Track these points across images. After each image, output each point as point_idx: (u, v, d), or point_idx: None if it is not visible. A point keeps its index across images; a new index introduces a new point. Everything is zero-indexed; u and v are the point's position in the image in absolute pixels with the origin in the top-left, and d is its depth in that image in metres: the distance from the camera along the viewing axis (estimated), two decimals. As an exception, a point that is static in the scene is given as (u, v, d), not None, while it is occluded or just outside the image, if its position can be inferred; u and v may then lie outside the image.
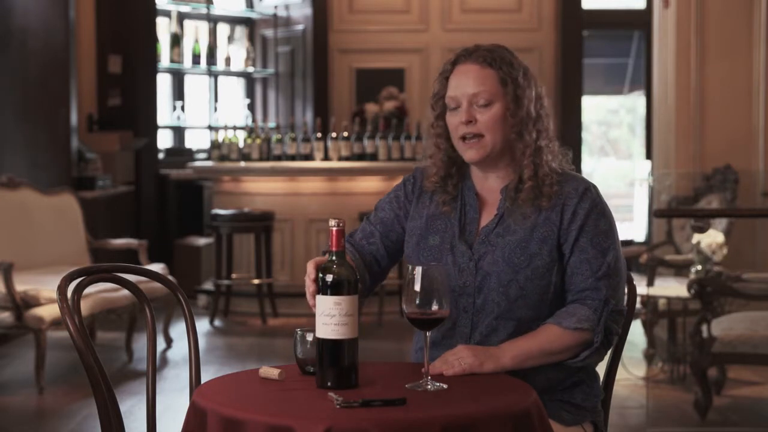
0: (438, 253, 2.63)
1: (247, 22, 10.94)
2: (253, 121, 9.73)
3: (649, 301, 6.44)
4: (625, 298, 2.67)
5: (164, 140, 10.30)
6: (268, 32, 10.78)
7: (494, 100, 2.61)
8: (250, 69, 10.72)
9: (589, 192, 2.63)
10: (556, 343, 2.54)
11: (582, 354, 2.56)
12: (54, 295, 3.35)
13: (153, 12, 9.59)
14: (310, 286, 2.43)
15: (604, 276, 2.57)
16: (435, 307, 2.38)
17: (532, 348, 2.53)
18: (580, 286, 2.58)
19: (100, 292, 6.30)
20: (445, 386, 2.34)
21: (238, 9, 10.92)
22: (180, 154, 10.12)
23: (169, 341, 7.13)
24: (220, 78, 10.76)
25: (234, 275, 8.34)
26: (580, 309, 2.56)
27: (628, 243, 10.43)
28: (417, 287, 2.37)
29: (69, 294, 2.59)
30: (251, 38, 10.90)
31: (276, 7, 10.65)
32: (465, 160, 2.66)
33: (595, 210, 2.61)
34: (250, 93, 10.99)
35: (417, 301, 2.38)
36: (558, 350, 2.55)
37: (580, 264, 2.58)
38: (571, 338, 2.54)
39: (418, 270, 2.38)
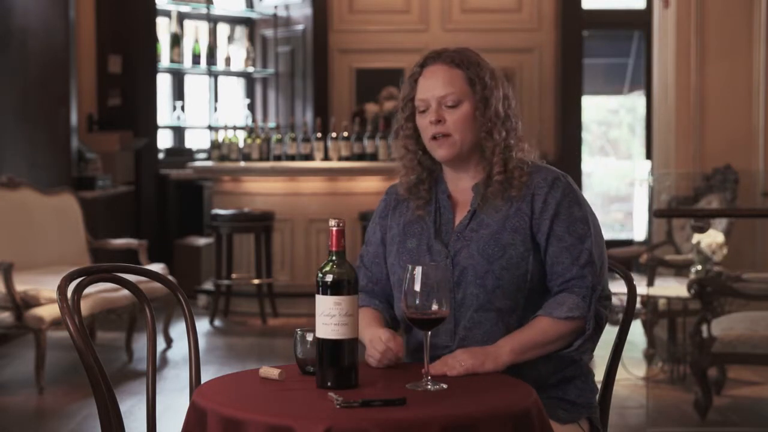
0: (416, 255, 2.66)
1: (247, 22, 10.94)
2: (253, 121, 9.73)
3: (649, 301, 6.44)
4: (610, 284, 2.69)
5: (164, 140, 10.30)
6: (268, 32, 10.78)
7: (462, 99, 2.65)
8: (250, 69, 10.72)
9: (559, 181, 2.65)
10: (549, 333, 2.56)
11: (575, 342, 2.58)
12: (54, 295, 3.35)
13: (153, 12, 9.59)
14: (377, 354, 2.51)
15: (587, 263, 2.59)
16: (435, 307, 2.37)
17: (528, 341, 2.55)
18: (565, 275, 2.60)
19: (100, 292, 6.30)
20: (445, 386, 2.35)
21: (238, 9, 10.92)
22: (180, 154, 10.12)
23: (169, 341, 7.13)
24: (220, 78, 10.76)
25: (234, 275, 8.34)
26: (569, 298, 2.58)
27: (628, 243, 10.43)
28: (417, 287, 2.37)
29: (69, 294, 2.59)
30: (251, 38, 10.90)
31: (276, 7, 10.66)
32: (436, 158, 2.69)
33: (566, 198, 2.63)
34: (250, 93, 10.99)
35: (417, 302, 2.38)
36: (552, 340, 2.57)
37: (560, 253, 2.60)
38: (565, 327, 2.57)
39: (418, 270, 2.37)
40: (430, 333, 2.41)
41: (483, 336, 2.58)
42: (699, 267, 6.04)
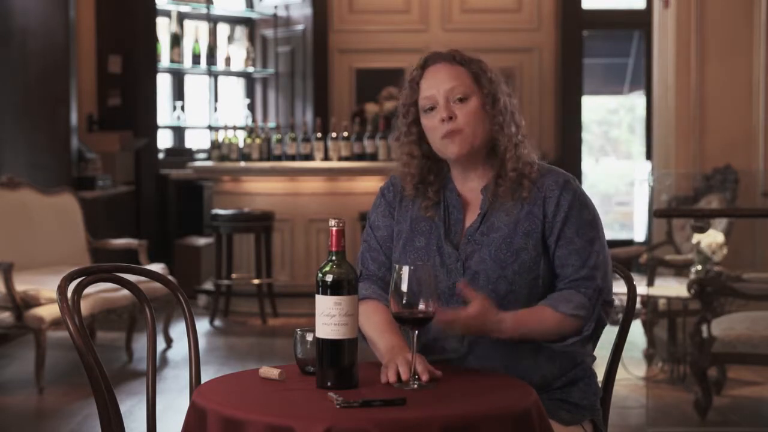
0: (425, 255, 2.63)
1: (247, 22, 10.94)
2: (253, 121, 9.73)
3: (649, 301, 6.44)
4: (614, 290, 2.67)
5: (164, 140, 10.30)
6: (268, 32, 10.78)
7: (470, 93, 2.62)
8: (250, 69, 10.72)
9: (570, 184, 2.64)
10: (550, 324, 2.54)
11: (569, 339, 2.57)
12: (54, 295, 3.35)
13: (153, 12, 9.59)
14: (391, 371, 2.40)
15: (595, 266, 2.58)
16: (422, 306, 2.37)
17: (530, 320, 2.52)
18: (573, 276, 2.58)
19: (100, 292, 6.30)
20: (432, 385, 2.33)
21: (238, 9, 10.92)
22: (180, 154, 10.12)
23: (169, 341, 7.13)
24: (220, 78, 10.76)
25: (234, 275, 8.34)
26: (576, 296, 2.56)
27: (628, 243, 10.43)
28: (404, 287, 2.37)
29: (69, 294, 2.59)
30: (251, 38, 10.90)
31: (276, 7, 10.65)
32: (448, 156, 2.64)
33: (577, 201, 2.62)
34: (250, 93, 10.99)
35: (404, 301, 2.37)
36: (550, 332, 2.54)
37: (569, 255, 2.59)
38: (566, 323, 2.54)
39: (405, 269, 2.37)
40: (417, 332, 2.40)
41: (493, 341, 2.55)
42: (699, 267, 6.04)
